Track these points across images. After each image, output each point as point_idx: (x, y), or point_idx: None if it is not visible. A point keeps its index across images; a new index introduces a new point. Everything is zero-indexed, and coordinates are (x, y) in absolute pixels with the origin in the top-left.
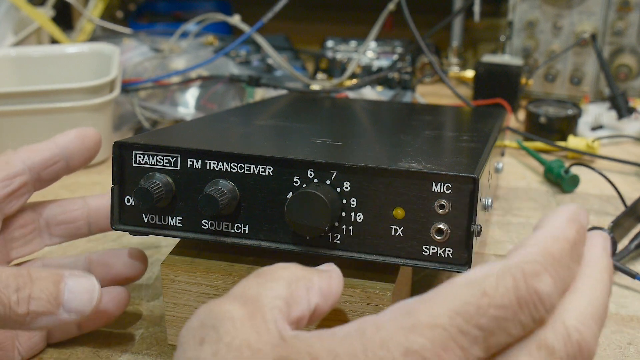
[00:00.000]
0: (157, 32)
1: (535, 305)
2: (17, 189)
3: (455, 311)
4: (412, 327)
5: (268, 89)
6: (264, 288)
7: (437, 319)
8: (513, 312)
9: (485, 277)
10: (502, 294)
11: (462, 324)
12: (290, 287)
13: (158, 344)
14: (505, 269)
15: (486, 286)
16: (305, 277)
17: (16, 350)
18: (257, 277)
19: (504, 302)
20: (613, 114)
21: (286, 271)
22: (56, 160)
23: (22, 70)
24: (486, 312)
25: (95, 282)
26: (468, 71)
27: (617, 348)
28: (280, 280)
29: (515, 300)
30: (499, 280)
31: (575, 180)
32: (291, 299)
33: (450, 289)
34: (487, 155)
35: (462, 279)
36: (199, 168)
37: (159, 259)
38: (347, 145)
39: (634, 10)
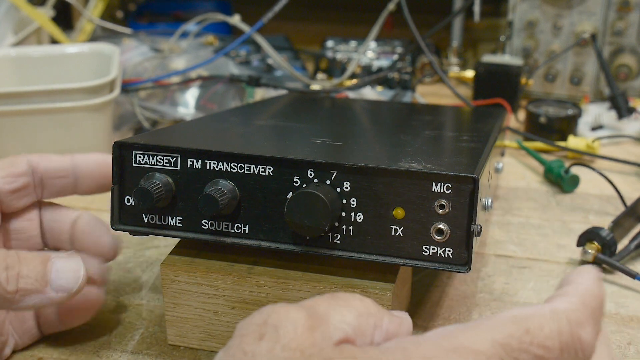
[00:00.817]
0: (157, 32)
1: (577, 353)
2: (20, 188)
3: (498, 342)
4: (454, 349)
5: (268, 89)
6: (335, 310)
7: (480, 345)
8: (554, 356)
9: (531, 316)
10: (546, 336)
11: (503, 355)
12: (359, 318)
13: (158, 344)
14: (552, 314)
15: (531, 325)
16: (377, 315)
17: (10, 335)
18: (331, 299)
19: (546, 343)
20: (613, 114)
21: (361, 303)
22: (64, 175)
23: (22, 70)
24: (528, 349)
25: (80, 262)
26: (468, 71)
27: (617, 348)
28: (352, 309)
29: (558, 344)
30: (544, 321)
31: (575, 180)
32: (357, 330)
33: (495, 321)
34: (487, 155)
35: (507, 314)
36: (199, 168)
37: (159, 259)
38: (347, 145)
39: (634, 10)
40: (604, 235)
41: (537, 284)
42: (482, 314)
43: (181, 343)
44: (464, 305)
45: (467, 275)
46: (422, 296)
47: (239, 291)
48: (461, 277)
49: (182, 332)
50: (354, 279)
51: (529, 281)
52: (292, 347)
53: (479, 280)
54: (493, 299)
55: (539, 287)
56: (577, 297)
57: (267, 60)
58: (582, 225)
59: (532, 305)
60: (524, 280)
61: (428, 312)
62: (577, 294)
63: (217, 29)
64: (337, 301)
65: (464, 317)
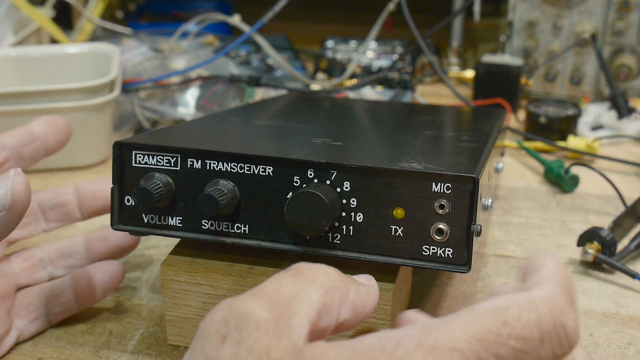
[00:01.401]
0: (157, 32)
1: (560, 340)
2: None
3: (474, 337)
4: (431, 348)
5: (268, 89)
6: (299, 291)
7: (456, 343)
8: (534, 346)
9: (508, 306)
10: (524, 326)
11: (480, 351)
12: (325, 295)
13: (158, 344)
14: (529, 302)
15: (508, 316)
16: (343, 288)
17: (14, 326)
18: (295, 277)
19: (525, 334)
20: (613, 114)
21: (325, 278)
22: (33, 139)
23: (22, 70)
24: (506, 342)
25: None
26: (468, 71)
27: (617, 348)
28: (317, 286)
29: (537, 334)
30: (522, 311)
31: (575, 180)
32: (323, 309)
33: (471, 314)
34: (487, 155)
35: (483, 305)
36: (199, 168)
37: (159, 259)
38: (347, 145)
39: (634, 10)
40: (604, 235)
41: None
42: None
43: (181, 343)
44: (464, 305)
45: (467, 275)
46: (422, 296)
47: (239, 291)
48: (461, 277)
49: (182, 332)
50: None
51: None
52: (258, 349)
53: (479, 280)
54: None
55: None
56: (553, 283)
57: (267, 60)
58: (582, 225)
59: (510, 295)
60: None
61: (428, 312)
62: (552, 279)
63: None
64: (301, 279)
65: None
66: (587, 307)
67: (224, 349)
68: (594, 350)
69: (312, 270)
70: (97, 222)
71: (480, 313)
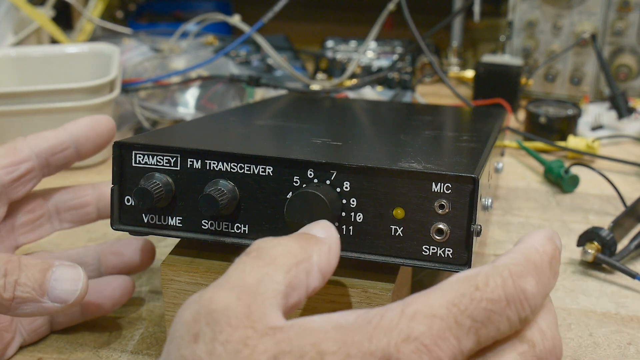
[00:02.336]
0: (157, 32)
1: (522, 303)
2: (23, 174)
3: (451, 302)
4: (412, 315)
5: (268, 89)
6: (263, 275)
7: (435, 309)
8: (502, 307)
9: (476, 274)
10: (492, 289)
11: (457, 314)
12: (289, 273)
13: (158, 344)
14: (494, 268)
15: (478, 282)
16: (305, 259)
17: (18, 332)
18: (256, 260)
19: (493, 296)
20: (613, 114)
21: (286, 254)
22: (65, 147)
23: (22, 70)
24: (479, 305)
25: (81, 273)
26: (468, 71)
27: (617, 348)
28: (279, 265)
29: (503, 296)
30: (488, 277)
31: (575, 180)
32: (289, 287)
33: (446, 284)
34: (487, 155)
35: (455, 276)
36: (199, 168)
37: (159, 259)
38: (347, 145)
39: (634, 10)
40: (604, 235)
41: None
42: None
43: None
44: None
45: None
46: None
47: None
48: None
49: None
50: (354, 279)
51: None
52: (234, 341)
53: None
54: None
55: None
56: (519, 253)
57: (267, 60)
58: (582, 225)
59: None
60: None
61: None
62: (520, 250)
63: (217, 29)
64: (263, 261)
65: None
66: (587, 307)
67: (198, 347)
68: (593, 350)
69: (273, 250)
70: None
71: (453, 282)
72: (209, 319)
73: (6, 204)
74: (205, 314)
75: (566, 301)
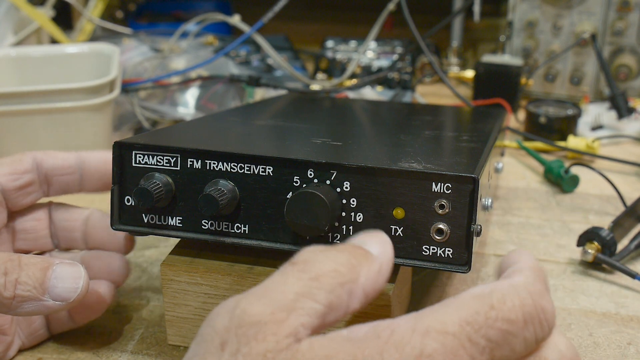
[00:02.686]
0: (157, 32)
1: (541, 323)
2: (26, 184)
3: (465, 321)
4: (425, 332)
5: (268, 89)
6: (305, 291)
7: (449, 326)
8: (519, 328)
9: (493, 292)
10: (510, 309)
11: (471, 333)
12: (332, 293)
13: (158, 344)
14: (511, 287)
15: (494, 300)
16: (352, 280)
17: (17, 336)
18: (301, 273)
19: (510, 316)
20: (613, 114)
21: (333, 273)
22: (70, 172)
23: (22, 70)
24: (494, 325)
25: (81, 270)
26: (468, 71)
27: (617, 348)
28: (324, 284)
29: (521, 316)
30: (506, 296)
31: (575, 180)
32: (329, 307)
33: (460, 301)
34: (487, 155)
35: (469, 293)
36: (199, 168)
37: (159, 259)
38: (347, 145)
39: (634, 10)
40: (604, 235)
41: None
42: None
43: (181, 343)
44: None
45: (467, 275)
46: (422, 296)
47: (239, 291)
48: (461, 277)
49: (182, 332)
50: None
51: None
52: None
53: (479, 280)
54: None
55: None
56: (530, 271)
57: (267, 60)
58: (582, 225)
59: (492, 283)
60: None
61: None
62: (528, 268)
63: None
64: (308, 275)
65: None
66: (587, 307)
67: (223, 356)
68: (593, 350)
69: (320, 265)
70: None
71: (467, 299)
72: (239, 331)
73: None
74: (237, 326)
75: (566, 301)
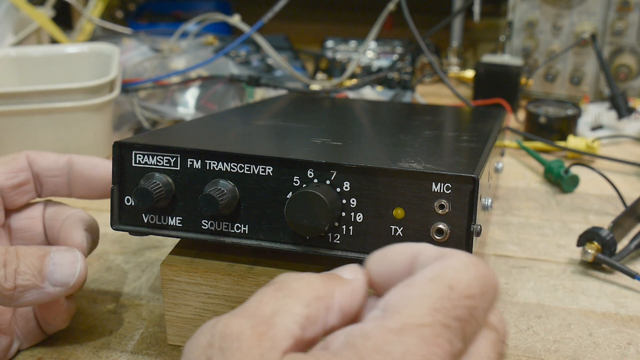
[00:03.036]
0: (157, 32)
1: (494, 289)
2: (21, 183)
3: (433, 308)
4: (400, 329)
5: (268, 89)
6: (281, 305)
7: (421, 318)
8: (478, 300)
9: (442, 273)
10: (466, 285)
11: (443, 319)
12: (309, 307)
13: (158, 344)
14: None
15: (450, 280)
16: (327, 295)
17: (15, 336)
18: (276, 291)
19: (470, 292)
20: (613, 114)
21: (307, 288)
22: (58, 174)
23: (22, 70)
24: (459, 304)
25: (78, 255)
26: (468, 71)
27: (617, 348)
28: (300, 298)
29: (478, 288)
30: (458, 272)
31: (575, 180)
32: (307, 321)
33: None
34: (487, 155)
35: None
36: (199, 168)
37: (159, 259)
38: (347, 145)
39: (634, 10)
40: (604, 235)
41: (537, 283)
42: None
43: (181, 343)
44: None
45: None
46: None
47: (239, 291)
48: None
49: (182, 332)
50: None
51: (528, 281)
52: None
53: None
54: None
55: (538, 287)
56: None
57: (267, 60)
58: (582, 225)
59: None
60: (524, 280)
61: None
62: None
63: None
64: (282, 292)
65: None
66: (587, 307)
67: None
68: (593, 350)
69: (295, 283)
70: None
71: (423, 285)
72: (222, 344)
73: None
74: (220, 340)
75: (566, 301)
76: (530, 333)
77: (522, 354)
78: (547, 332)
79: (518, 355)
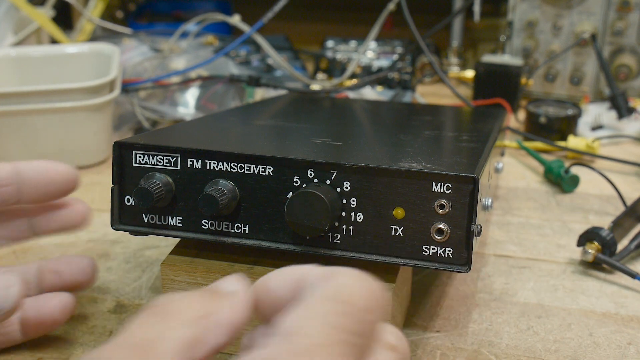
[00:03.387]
0: (157, 32)
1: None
2: None
3: (332, 325)
4: (307, 351)
5: (268, 89)
6: (162, 331)
7: (322, 339)
8: (375, 313)
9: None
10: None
11: (342, 335)
12: (192, 327)
13: None
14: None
15: (342, 296)
16: (210, 312)
17: None
18: (154, 315)
19: (360, 303)
20: (613, 114)
21: (188, 308)
22: (6, 184)
23: (22, 70)
24: (353, 318)
25: (12, 279)
26: (468, 71)
27: (617, 348)
28: (181, 320)
29: (374, 301)
30: (350, 287)
31: (575, 180)
32: (192, 342)
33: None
34: (487, 155)
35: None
36: (199, 168)
37: (159, 259)
38: (347, 145)
39: (634, 10)
40: (604, 235)
41: (537, 284)
42: (482, 314)
43: None
44: (464, 305)
45: (467, 275)
46: (422, 296)
47: None
48: (461, 277)
49: None
50: None
51: (528, 281)
52: None
53: (479, 280)
54: (493, 299)
55: (538, 287)
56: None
57: (267, 60)
58: (582, 225)
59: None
60: (524, 280)
61: (428, 312)
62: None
63: (217, 29)
64: (161, 317)
65: (464, 317)
66: (587, 307)
67: None
68: (593, 350)
69: (174, 304)
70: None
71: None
72: None
73: None
74: None
75: (566, 301)
76: (531, 333)
77: (522, 353)
78: (547, 332)
79: (518, 355)
